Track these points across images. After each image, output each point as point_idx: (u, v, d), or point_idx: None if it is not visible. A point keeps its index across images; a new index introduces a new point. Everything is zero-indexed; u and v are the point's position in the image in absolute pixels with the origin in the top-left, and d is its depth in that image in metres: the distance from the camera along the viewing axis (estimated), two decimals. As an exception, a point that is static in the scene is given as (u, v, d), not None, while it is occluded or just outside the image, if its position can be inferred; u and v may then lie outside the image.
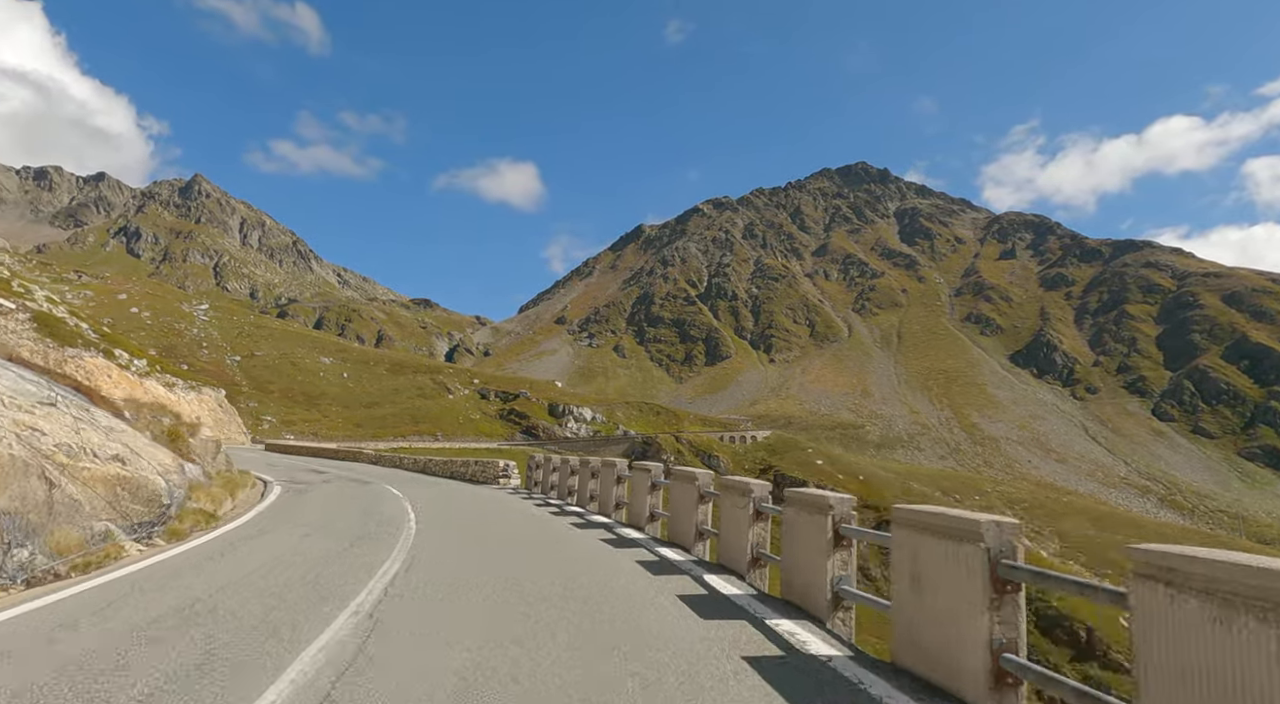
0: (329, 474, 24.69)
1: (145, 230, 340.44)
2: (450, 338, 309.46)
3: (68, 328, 30.73)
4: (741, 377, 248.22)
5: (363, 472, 28.68)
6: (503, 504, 17.96)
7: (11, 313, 27.02)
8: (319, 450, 38.78)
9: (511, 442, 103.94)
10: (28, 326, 27.21)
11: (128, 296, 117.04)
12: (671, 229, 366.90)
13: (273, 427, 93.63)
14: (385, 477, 26.25)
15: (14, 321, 26.26)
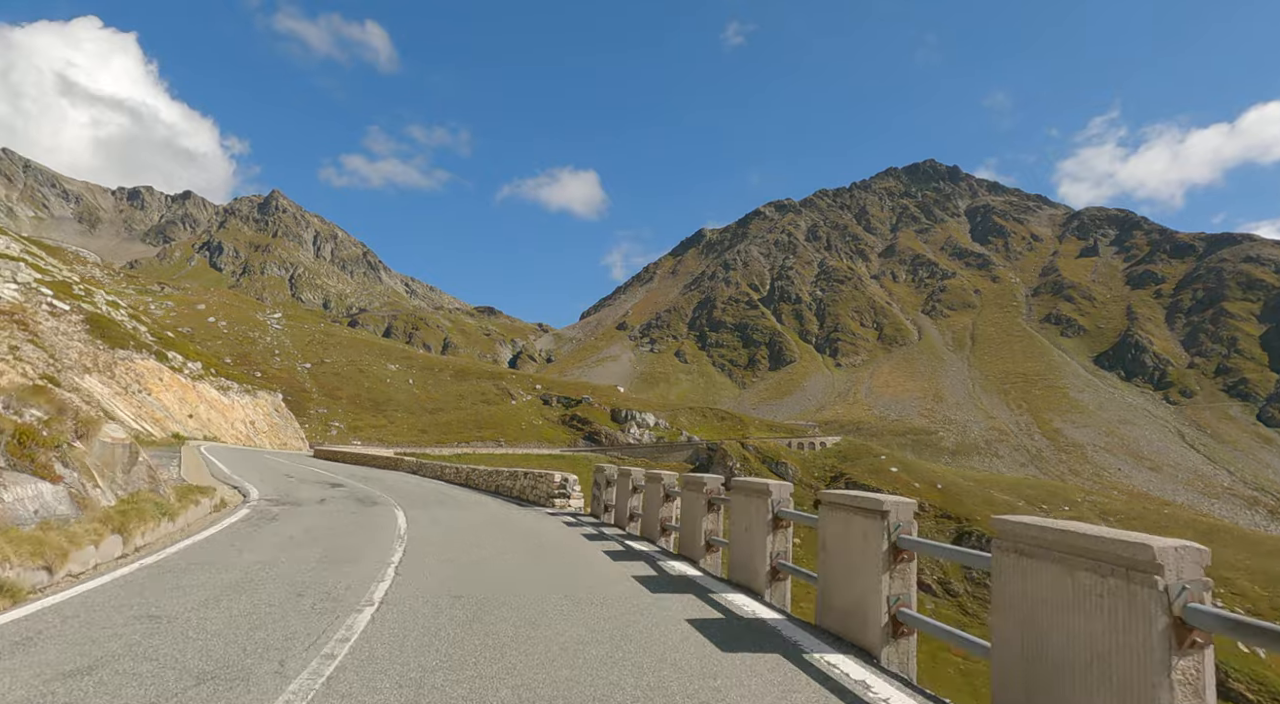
0: (345, 488, 19.63)
1: (227, 245, 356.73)
2: (513, 345, 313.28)
3: (122, 330, 30.64)
4: (807, 381, 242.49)
5: (391, 484, 23.43)
6: (559, 551, 10.79)
7: (65, 315, 26.86)
8: (361, 457, 36.29)
9: (574, 448, 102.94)
10: (80, 328, 26.99)
11: (206, 307, 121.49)
12: (733, 232, 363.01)
13: (340, 433, 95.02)
14: (412, 493, 20.04)
15: (67, 323, 26.04)
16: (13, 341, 22.88)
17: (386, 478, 26.95)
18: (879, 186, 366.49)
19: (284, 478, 21.74)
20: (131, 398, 28.69)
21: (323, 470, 28.33)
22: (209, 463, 22.72)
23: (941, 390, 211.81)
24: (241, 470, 22.10)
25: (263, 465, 25.13)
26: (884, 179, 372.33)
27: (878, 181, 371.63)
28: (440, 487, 23.66)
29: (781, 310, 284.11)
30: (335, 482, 21.84)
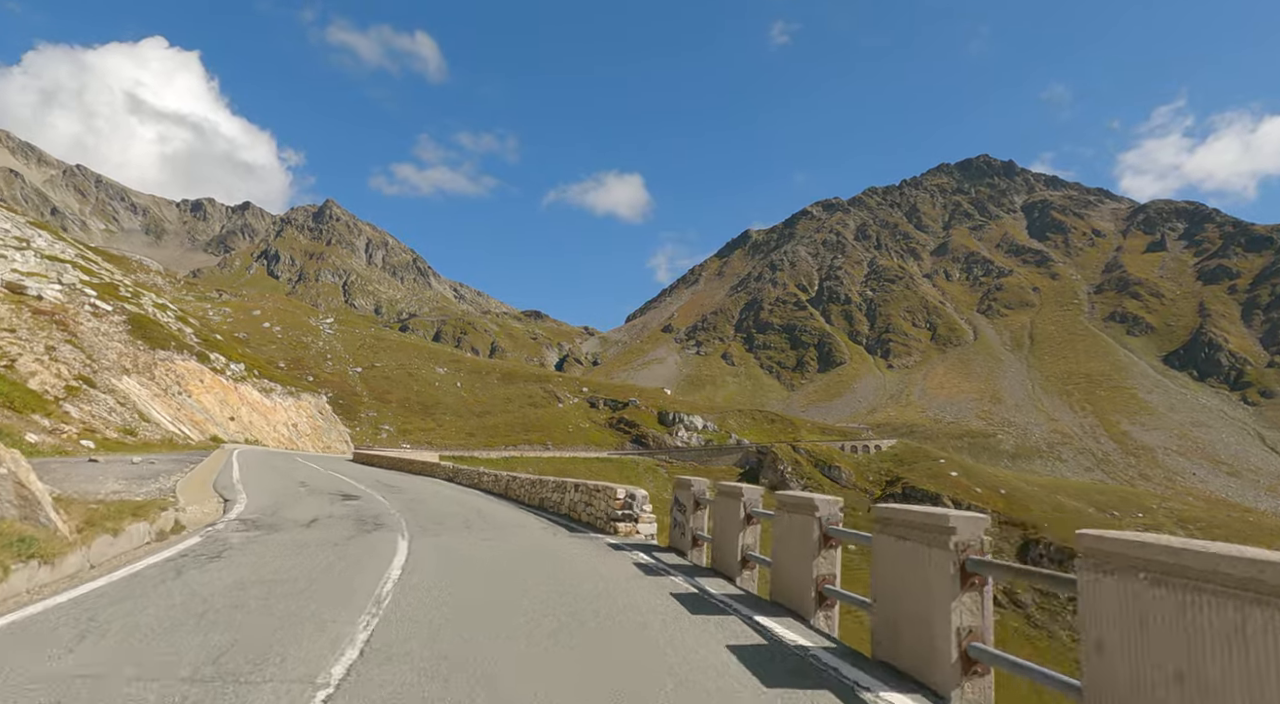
0: (357, 501, 15.65)
1: (283, 253, 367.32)
2: (560, 348, 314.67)
3: (164, 331, 30.45)
4: (857, 383, 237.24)
5: (416, 494, 18.97)
6: (644, 645, 5.50)
7: (107, 315, 26.67)
8: (398, 462, 34.18)
9: (621, 451, 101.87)
10: (121, 328, 26.76)
11: (261, 312, 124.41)
12: (779, 233, 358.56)
13: (391, 436, 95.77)
14: (436, 510, 15.39)
15: (109, 323, 25.81)
16: (50, 342, 22.73)
17: (415, 486, 22.71)
18: (930, 183, 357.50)
19: (295, 487, 18.08)
20: (171, 400, 28.33)
21: (349, 477, 24.38)
22: (225, 469, 20.46)
23: (999, 392, 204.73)
24: (255, 478, 19.07)
25: (283, 472, 22.47)
26: (935, 175, 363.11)
27: (929, 178, 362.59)
28: (474, 498, 19.13)
29: (830, 311, 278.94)
30: (350, 492, 17.96)
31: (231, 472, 20.03)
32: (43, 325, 23.74)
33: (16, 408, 16.02)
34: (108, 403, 22.05)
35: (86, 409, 20.32)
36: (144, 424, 23.81)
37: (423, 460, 31.33)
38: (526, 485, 19.02)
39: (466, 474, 25.77)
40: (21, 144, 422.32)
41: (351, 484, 20.79)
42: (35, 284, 27.42)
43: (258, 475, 20.15)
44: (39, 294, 26.70)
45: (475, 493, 21.60)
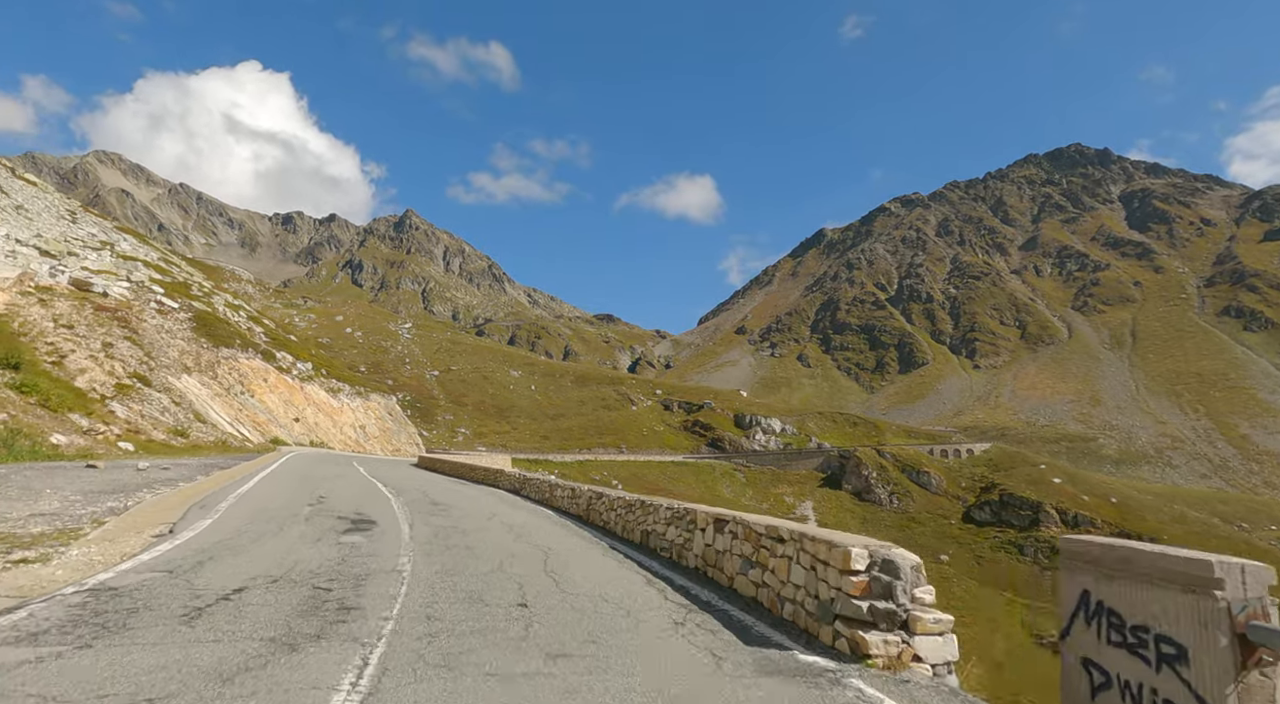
0: (367, 533, 11.12)
1: (366, 262, 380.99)
2: (632, 351, 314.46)
3: (229, 329, 30.03)
4: (941, 384, 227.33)
5: (461, 521, 13.62)
6: None
7: (173, 312, 26.29)
8: (460, 468, 30.32)
9: (697, 455, 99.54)
10: (186, 326, 26.31)
11: (344, 318, 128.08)
12: (856, 231, 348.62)
13: (466, 439, 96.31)
14: (477, 561, 9.40)
15: (173, 321, 25.37)
16: (108, 339, 22.43)
17: (467, 503, 17.08)
18: (1017, 175, 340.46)
19: (302, 506, 13.33)
20: (232, 399, 27.79)
21: (392, 488, 19.65)
22: (245, 479, 17.49)
23: (1099, 393, 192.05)
24: (268, 490, 15.60)
25: (314, 482, 18.77)
26: (1023, 167, 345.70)
27: (1016, 170, 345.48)
28: (542, 529, 13.13)
29: (911, 310, 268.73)
30: (370, 515, 13.07)
31: (247, 483, 16.49)
32: (103, 322, 23.52)
33: (52, 407, 15.31)
34: (161, 402, 21.46)
35: (136, 408, 19.71)
36: (198, 425, 23.18)
37: (486, 467, 27.99)
38: (622, 510, 12.82)
39: (536, 486, 20.44)
40: (132, 166, 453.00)
41: (385, 501, 15.88)
42: (102, 281, 27.52)
43: (275, 487, 16.39)
44: (104, 291, 26.72)
45: (546, 514, 15.80)
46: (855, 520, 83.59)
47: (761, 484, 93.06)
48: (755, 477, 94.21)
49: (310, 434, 37.51)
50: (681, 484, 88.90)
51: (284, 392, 35.01)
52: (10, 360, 16.71)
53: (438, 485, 22.81)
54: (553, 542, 11.41)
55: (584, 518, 14.99)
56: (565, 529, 13.22)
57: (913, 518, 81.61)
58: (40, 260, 27.52)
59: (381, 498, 16.53)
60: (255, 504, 12.93)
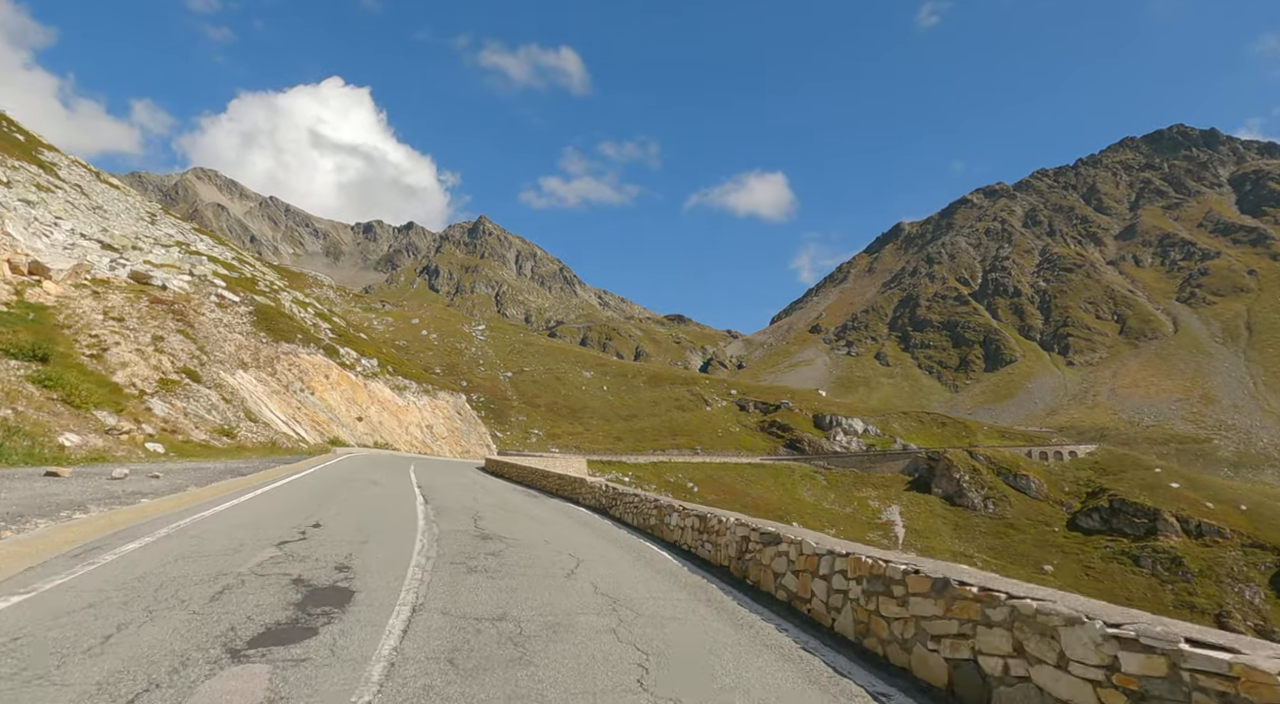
0: (343, 610, 6.03)
1: (442, 268, 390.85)
2: (704, 352, 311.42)
3: (291, 323, 29.17)
4: (1031, 383, 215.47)
5: (519, 569, 8.41)
6: None
7: (233, 306, 25.52)
8: (529, 474, 24.61)
9: (775, 456, 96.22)
10: (245, 320, 25.47)
11: (419, 321, 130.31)
12: (935, 224, 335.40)
13: (539, 440, 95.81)
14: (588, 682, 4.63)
15: (233, 315, 24.54)
16: (160, 332, 21.76)
17: (532, 535, 11.76)
18: (1112, 161, 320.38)
19: (265, 548, 8.54)
20: (291, 397, 26.83)
21: (434, 506, 14.28)
22: (248, 491, 13.45)
23: (1211, 390, 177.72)
24: (271, 507, 11.90)
25: (337, 494, 14.43)
26: (1118, 151, 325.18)
27: (1110, 155, 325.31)
28: (683, 611, 7.03)
29: (997, 305, 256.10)
30: (348, 577, 7.30)
31: (240, 497, 12.39)
32: (156, 315, 22.96)
33: (75, 403, 14.26)
34: (208, 399, 20.55)
35: (179, 406, 18.80)
36: (248, 424, 22.19)
37: (561, 474, 21.94)
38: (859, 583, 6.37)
39: (634, 507, 13.94)
40: (227, 181, 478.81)
41: (409, 532, 10.65)
42: (163, 275, 27.21)
43: (270, 505, 12.06)
44: (163, 284, 26.33)
45: (665, 562, 9.88)
46: (947, 527, 78.84)
47: (844, 487, 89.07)
48: (837, 479, 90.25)
49: (374, 434, 36.60)
50: (759, 487, 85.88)
51: (346, 389, 33.87)
52: (38, 351, 15.88)
53: (498, 500, 17.26)
54: (738, 673, 5.31)
55: (739, 576, 8.81)
56: (729, 619, 6.91)
57: (1011, 524, 76.26)
58: (101, 254, 27.47)
59: (408, 525, 11.26)
60: (181, 547, 8.04)
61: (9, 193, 28.10)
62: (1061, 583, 65.30)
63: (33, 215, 26.20)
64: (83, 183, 35.79)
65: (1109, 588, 63.51)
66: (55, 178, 33.39)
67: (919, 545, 76.55)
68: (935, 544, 76.40)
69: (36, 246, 23.18)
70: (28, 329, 17.27)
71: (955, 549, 75.25)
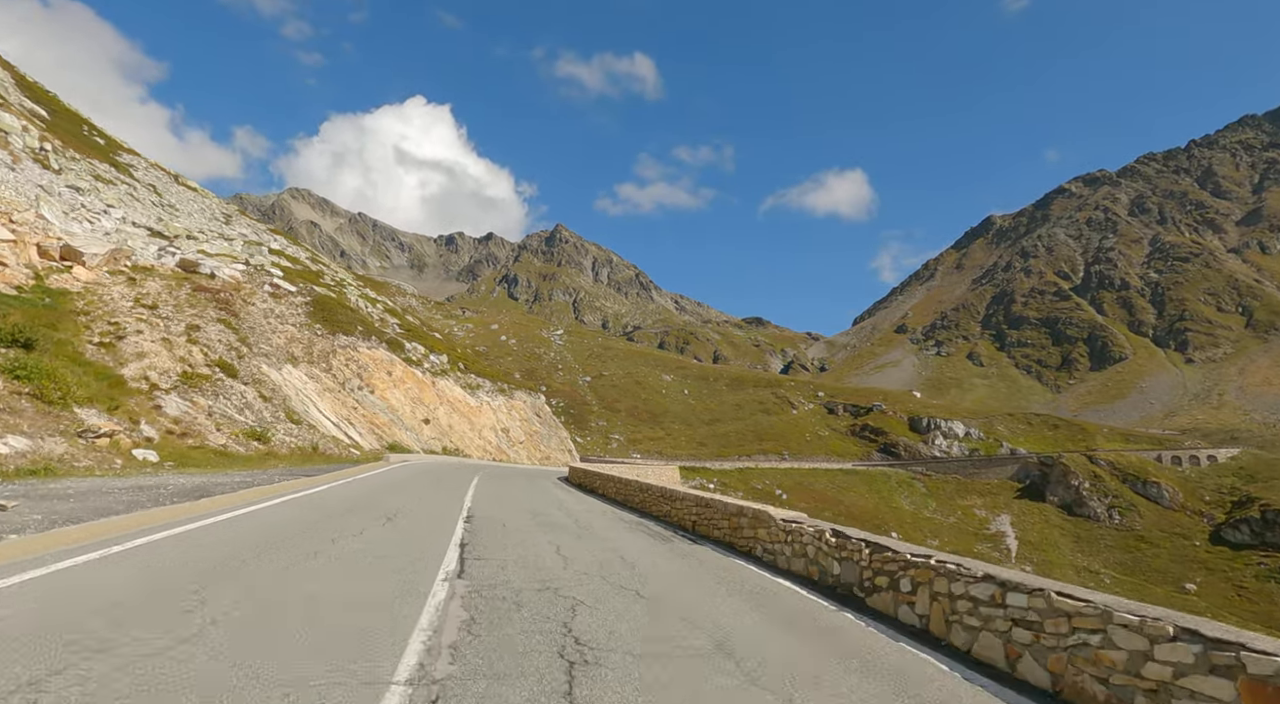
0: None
1: (520, 277, 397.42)
2: (784, 355, 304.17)
3: (351, 315, 27.16)
4: (1145, 381, 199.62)
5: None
6: None
7: (288, 296, 23.70)
8: (637, 494, 18.36)
9: (868, 462, 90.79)
10: (300, 311, 23.57)
11: (499, 327, 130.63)
12: (1029, 216, 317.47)
13: (620, 445, 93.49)
14: None
15: (286, 305, 22.65)
16: (196, 321, 20.04)
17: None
18: (1230, 141, 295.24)
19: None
20: (346, 396, 24.77)
21: (505, 548, 9.52)
22: (255, 504, 10.96)
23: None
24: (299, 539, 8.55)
25: (342, 527, 9.77)
26: (1237, 130, 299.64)
27: (1227, 135, 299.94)
28: None
29: (1102, 299, 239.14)
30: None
31: (179, 528, 8.36)
32: (196, 303, 21.33)
33: (49, 399, 12.06)
34: (242, 397, 18.46)
35: (203, 403, 16.78)
36: (288, 426, 19.93)
37: (675, 488, 15.86)
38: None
39: (808, 540, 9.49)
40: (319, 200, 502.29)
41: (459, 608, 6.02)
42: (214, 263, 25.78)
43: (263, 535, 8.55)
44: (212, 272, 24.86)
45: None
46: (1067, 539, 71.92)
47: (945, 495, 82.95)
48: (938, 486, 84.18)
49: (443, 438, 33.74)
50: (852, 494, 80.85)
51: (412, 387, 31.38)
52: (21, 336, 13.91)
53: (604, 550, 10.31)
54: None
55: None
56: None
57: (1141, 537, 68.73)
58: (149, 241, 26.43)
59: (401, 628, 5.33)
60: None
61: (57, 179, 27.50)
62: (1209, 604, 58.04)
63: (79, 202, 25.46)
64: (158, 183, 35.45)
65: (1266, 611, 55.92)
66: (126, 175, 32.89)
67: (1035, 559, 70.05)
68: (1054, 558, 69.75)
69: (72, 230, 22.15)
70: (24, 312, 15.58)
71: (1078, 564, 68.50)
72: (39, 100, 38.62)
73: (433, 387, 33.39)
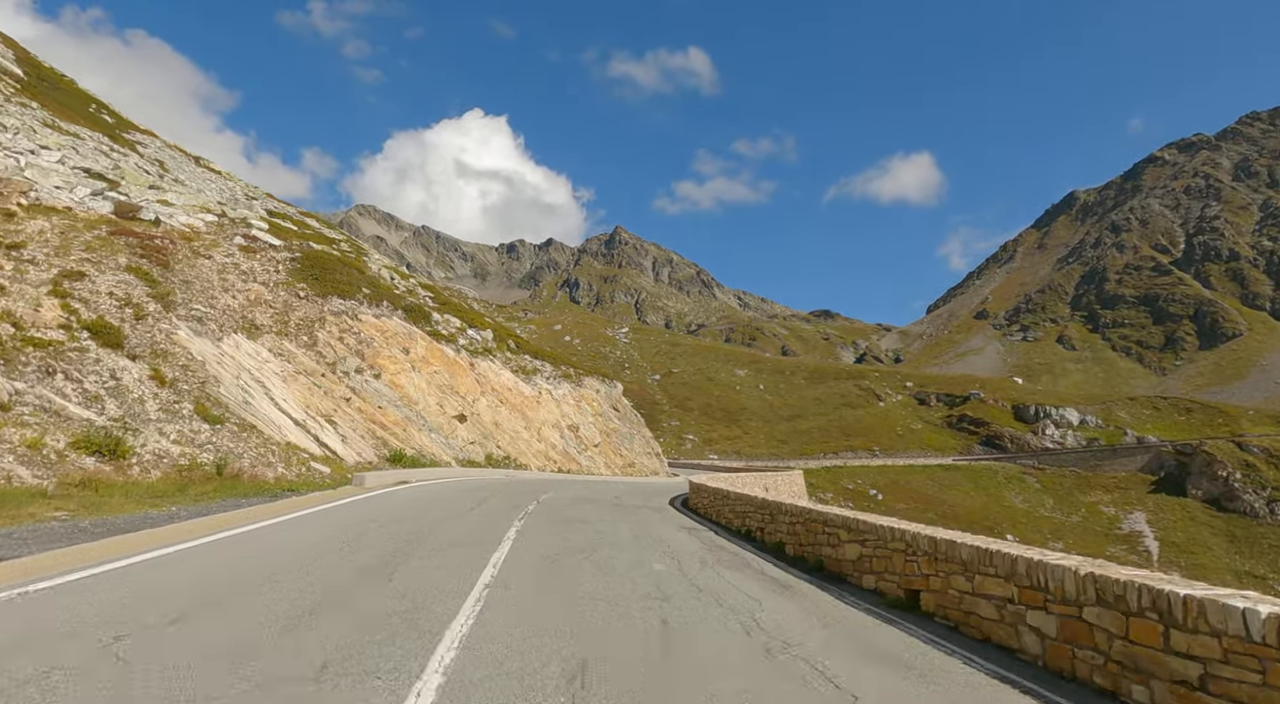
0: None
1: (581, 280, 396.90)
2: (855, 346, 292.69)
3: (356, 276, 21.80)
4: (1265, 360, 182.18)
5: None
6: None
7: (266, 251, 18.79)
8: (767, 515, 12.56)
9: (970, 456, 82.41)
10: (280, 268, 18.57)
11: (562, 327, 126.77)
12: (1117, 189, 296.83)
13: (695, 446, 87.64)
14: None
15: (261, 261, 17.69)
16: (83, 268, 14.86)
17: None
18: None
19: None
20: (337, 381, 18.13)
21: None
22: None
23: None
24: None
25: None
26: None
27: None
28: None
29: (1208, 272, 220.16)
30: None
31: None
32: (102, 247, 16.37)
33: None
34: (112, 376, 12.74)
35: (4, 387, 11.50)
36: (193, 426, 13.70)
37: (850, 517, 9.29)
38: None
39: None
40: (384, 215, 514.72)
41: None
42: (168, 211, 20.82)
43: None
44: (157, 218, 19.96)
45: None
46: (1219, 538, 62.39)
47: (1063, 491, 74.05)
48: (1053, 481, 75.32)
49: (485, 441, 24.86)
50: (956, 493, 72.86)
51: (439, 371, 23.55)
52: None
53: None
54: None
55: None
56: None
57: (1314, 535, 58.90)
58: (83, 183, 21.83)
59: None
60: None
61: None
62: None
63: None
64: (170, 161, 31.00)
65: None
66: (127, 148, 28.61)
67: (1182, 562, 60.80)
68: (1206, 561, 60.39)
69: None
70: None
71: (1237, 567, 59.07)
72: (44, 78, 35.44)
73: (471, 370, 26.12)
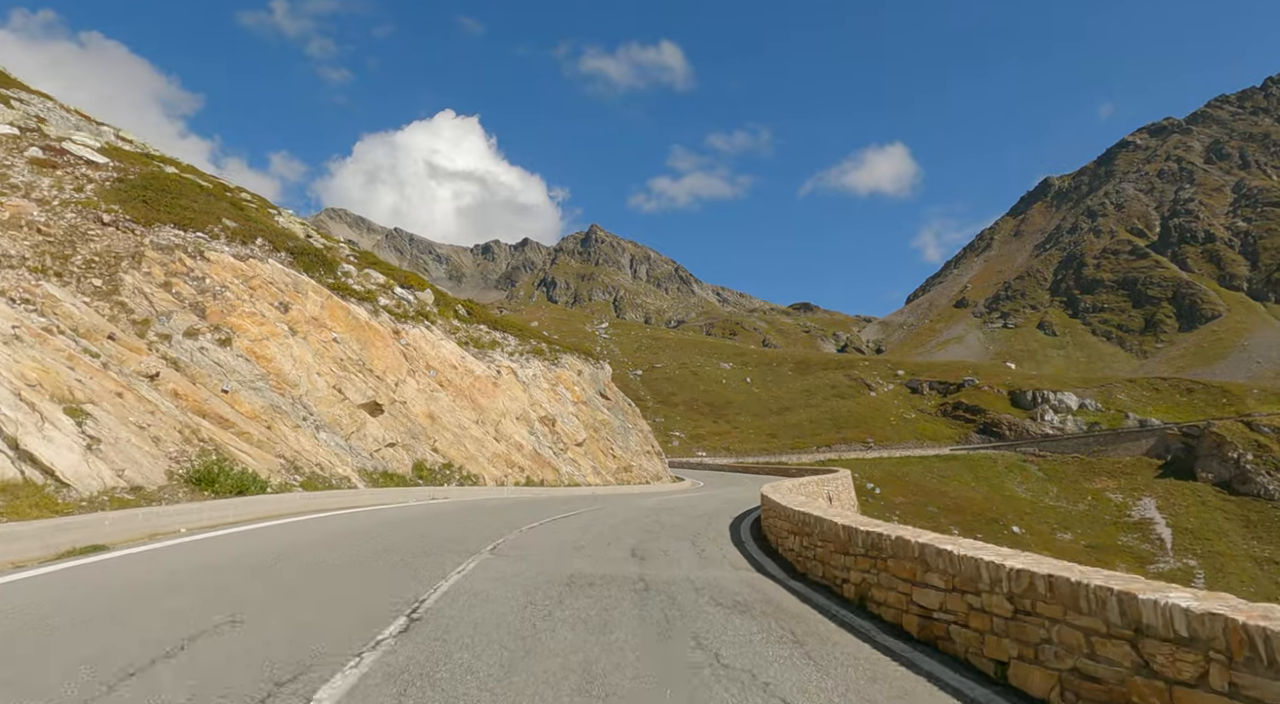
0: None
1: (559, 279, 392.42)
2: (836, 338, 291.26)
3: (215, 205, 17.03)
4: (1245, 339, 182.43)
5: None
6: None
7: (78, 167, 14.26)
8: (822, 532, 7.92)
9: (966, 445, 79.37)
10: (90, 190, 14.09)
11: (539, 323, 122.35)
12: (1091, 174, 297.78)
13: (682, 443, 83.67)
14: None
15: (61, 179, 13.16)
16: None
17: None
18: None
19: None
20: (138, 348, 11.94)
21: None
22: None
23: None
24: None
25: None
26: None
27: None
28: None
29: (1185, 254, 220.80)
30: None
31: None
32: None
33: None
34: None
35: None
36: None
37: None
38: None
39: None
40: (355, 218, 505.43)
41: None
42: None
43: None
44: None
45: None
46: (1234, 524, 59.58)
47: (1067, 478, 71.13)
48: (1055, 469, 72.42)
49: (414, 442, 17.73)
50: (955, 484, 69.64)
51: (344, 337, 16.41)
52: None
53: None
54: None
55: None
56: None
57: (1334, 517, 56.26)
58: None
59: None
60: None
61: None
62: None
63: None
64: (50, 115, 25.40)
65: None
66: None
67: (1198, 550, 57.85)
68: (1222, 548, 57.45)
69: None
70: None
71: (1257, 554, 56.23)
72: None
73: (394, 340, 18.92)
